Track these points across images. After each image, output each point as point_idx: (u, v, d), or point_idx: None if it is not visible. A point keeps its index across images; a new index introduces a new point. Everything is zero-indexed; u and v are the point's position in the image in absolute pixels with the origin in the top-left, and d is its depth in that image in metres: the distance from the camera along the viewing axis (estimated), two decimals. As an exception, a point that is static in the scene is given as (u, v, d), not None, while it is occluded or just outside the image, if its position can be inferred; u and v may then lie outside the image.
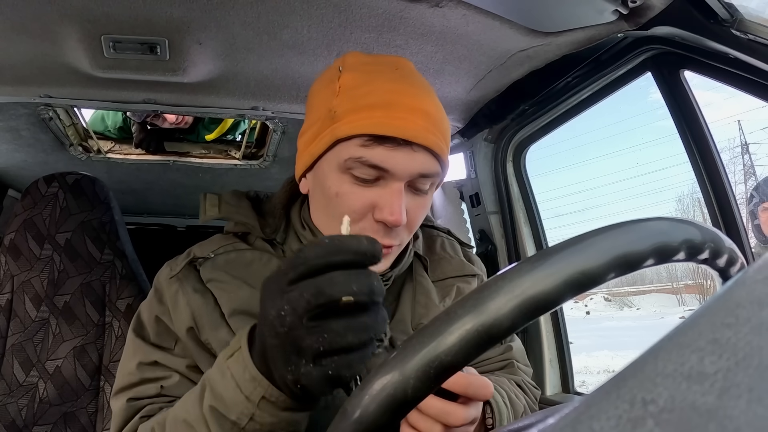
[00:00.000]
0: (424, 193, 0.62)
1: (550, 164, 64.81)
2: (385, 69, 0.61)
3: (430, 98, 0.60)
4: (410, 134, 0.56)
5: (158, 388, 0.63)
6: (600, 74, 1.10)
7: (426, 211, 0.64)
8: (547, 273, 0.28)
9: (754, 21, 0.76)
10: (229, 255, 0.66)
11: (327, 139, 0.59)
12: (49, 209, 1.23)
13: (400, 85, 0.59)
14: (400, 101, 0.57)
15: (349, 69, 0.61)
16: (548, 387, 1.40)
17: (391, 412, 0.29)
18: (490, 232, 1.51)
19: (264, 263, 0.66)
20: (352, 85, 0.59)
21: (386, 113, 0.56)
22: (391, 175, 0.58)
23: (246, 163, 1.79)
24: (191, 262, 0.66)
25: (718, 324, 0.16)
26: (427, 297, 0.71)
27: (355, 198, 0.59)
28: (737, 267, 0.35)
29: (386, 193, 0.58)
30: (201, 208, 0.68)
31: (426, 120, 0.58)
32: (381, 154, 0.56)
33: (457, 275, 0.76)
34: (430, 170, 0.59)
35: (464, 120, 1.42)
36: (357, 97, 0.58)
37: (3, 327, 1.17)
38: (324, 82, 0.63)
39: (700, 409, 0.14)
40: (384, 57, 0.64)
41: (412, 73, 0.62)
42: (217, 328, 0.61)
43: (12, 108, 1.27)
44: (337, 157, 0.58)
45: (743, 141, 17.69)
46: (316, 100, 0.63)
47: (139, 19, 0.91)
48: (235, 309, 0.61)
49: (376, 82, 0.58)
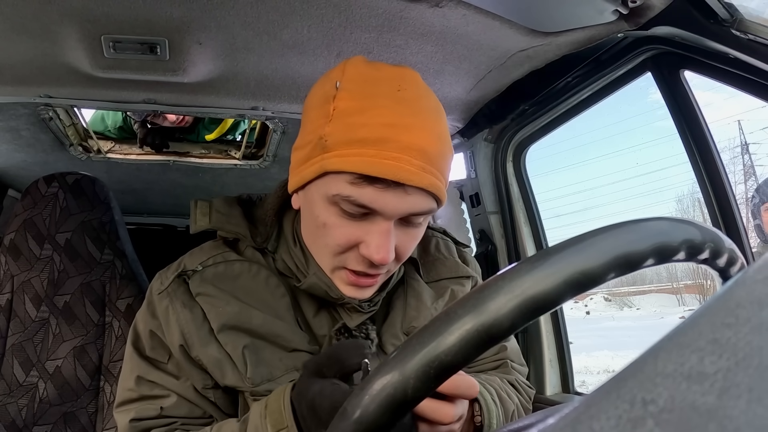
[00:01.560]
0: (417, 226, 0.60)
1: (550, 164, 64.82)
2: (385, 89, 0.55)
3: (431, 128, 0.56)
4: (403, 176, 0.53)
5: (158, 409, 0.63)
6: (600, 74, 1.10)
7: (418, 240, 0.62)
8: (547, 273, 0.28)
9: (754, 21, 0.76)
10: (218, 267, 0.66)
11: (316, 167, 0.56)
12: (49, 209, 1.23)
13: (398, 114, 0.54)
14: (396, 138, 0.53)
15: (347, 85, 0.56)
16: (548, 387, 1.40)
17: (391, 412, 0.29)
18: (490, 232, 1.51)
19: (253, 275, 0.65)
20: (347, 110, 0.54)
21: (379, 151, 0.52)
22: (380, 214, 0.55)
23: (246, 163, 1.79)
24: (180, 275, 0.65)
25: (718, 324, 0.16)
26: (419, 300, 0.70)
27: (341, 232, 0.57)
28: (737, 267, 0.35)
29: (374, 231, 0.56)
30: (191, 218, 0.67)
31: (422, 158, 0.54)
32: (370, 195, 0.54)
33: (451, 276, 0.75)
34: (422, 209, 0.57)
35: (464, 120, 1.42)
36: (350, 127, 0.54)
37: (3, 327, 1.17)
38: (320, 96, 0.59)
39: (700, 409, 0.14)
40: (388, 70, 0.58)
41: (416, 95, 0.57)
42: (206, 344, 0.61)
43: (12, 108, 1.27)
44: (325, 187, 0.56)
45: (743, 141, 17.69)
46: (311, 117, 0.59)
47: (139, 19, 0.91)
48: (223, 324, 0.61)
49: (373, 109, 0.54)
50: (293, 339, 0.62)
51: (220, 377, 0.61)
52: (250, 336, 0.61)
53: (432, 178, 0.55)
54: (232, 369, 0.61)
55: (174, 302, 0.63)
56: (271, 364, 0.61)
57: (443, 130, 0.58)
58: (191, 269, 0.65)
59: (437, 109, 0.59)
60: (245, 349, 0.60)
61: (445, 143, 0.58)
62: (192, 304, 0.63)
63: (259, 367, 0.60)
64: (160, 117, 1.65)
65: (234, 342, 0.61)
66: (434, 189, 0.56)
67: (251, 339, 0.61)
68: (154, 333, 0.65)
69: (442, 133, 0.58)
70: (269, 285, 0.65)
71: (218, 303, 0.62)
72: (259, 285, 0.65)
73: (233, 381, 0.61)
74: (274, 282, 0.65)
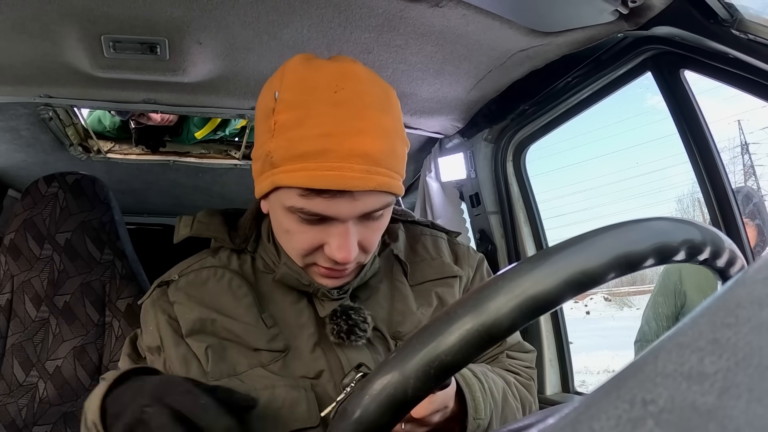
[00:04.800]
0: (377, 219, 0.61)
1: (550, 164, 64.81)
2: (322, 94, 0.55)
3: (372, 128, 0.55)
4: (347, 184, 0.54)
5: None
6: (600, 74, 1.10)
7: (382, 231, 0.64)
8: (547, 273, 0.28)
9: (754, 21, 0.76)
10: (189, 276, 0.69)
11: (268, 182, 0.58)
12: (49, 209, 1.23)
13: (336, 121, 0.54)
14: (335, 147, 0.53)
15: (284, 95, 0.56)
16: (548, 387, 1.40)
17: (391, 412, 0.29)
18: (490, 232, 1.51)
19: (218, 279, 0.68)
20: (286, 124, 0.55)
21: (320, 164, 0.53)
22: (335, 218, 0.57)
23: (246, 163, 1.79)
24: (160, 284, 0.70)
25: (718, 324, 0.16)
26: (404, 303, 0.70)
27: (303, 238, 0.60)
28: (737, 267, 0.35)
29: (334, 233, 0.58)
30: (175, 230, 0.72)
31: (365, 162, 0.54)
32: (321, 204, 0.56)
33: (435, 278, 0.74)
34: (375, 207, 0.58)
35: (464, 120, 1.42)
36: (291, 142, 0.55)
37: (3, 327, 1.17)
38: (263, 109, 0.59)
39: (700, 409, 0.14)
40: (326, 69, 0.58)
41: (354, 93, 0.56)
42: (177, 345, 0.65)
43: (12, 108, 1.27)
44: (281, 199, 0.58)
45: (743, 141, 17.68)
46: (258, 130, 0.61)
47: (139, 19, 0.91)
48: (190, 329, 0.65)
49: (311, 119, 0.54)
50: (252, 338, 0.64)
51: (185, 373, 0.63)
52: (215, 337, 0.64)
53: (379, 177, 0.56)
54: (197, 366, 0.63)
55: (156, 309, 0.68)
56: (236, 361, 0.63)
57: (389, 122, 0.58)
58: (170, 279, 0.70)
59: (382, 99, 0.58)
60: (209, 348, 0.63)
61: (392, 136, 0.58)
62: (170, 310, 0.67)
63: (221, 364, 0.63)
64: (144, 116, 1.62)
65: (198, 344, 0.64)
66: (384, 187, 0.56)
67: (217, 340, 0.64)
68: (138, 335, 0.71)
69: (388, 125, 0.57)
70: (232, 287, 0.68)
71: (185, 310, 0.66)
72: (223, 288, 0.68)
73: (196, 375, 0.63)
74: (237, 283, 0.68)
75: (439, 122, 1.43)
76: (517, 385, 0.72)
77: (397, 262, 0.73)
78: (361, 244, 0.61)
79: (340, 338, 0.63)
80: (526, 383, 0.75)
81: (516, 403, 0.69)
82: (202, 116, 1.56)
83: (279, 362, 0.64)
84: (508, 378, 0.72)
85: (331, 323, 0.64)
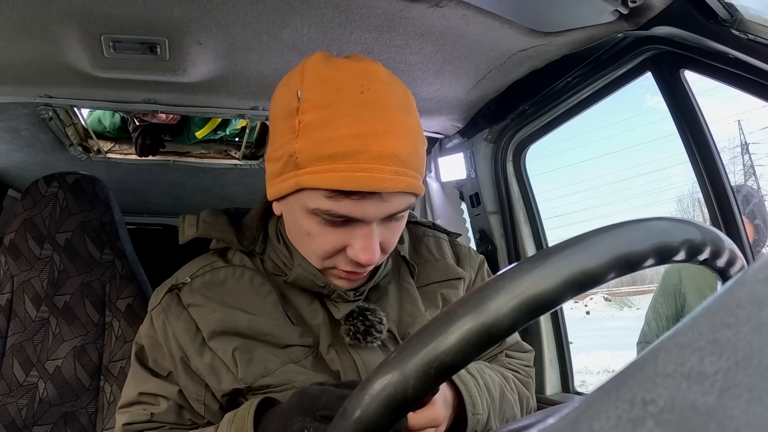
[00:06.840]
0: (398, 219, 0.61)
1: (550, 164, 64.81)
2: (348, 93, 0.54)
3: (399, 129, 0.55)
4: (378, 185, 0.53)
5: (149, 414, 0.65)
6: (600, 74, 1.10)
7: (401, 231, 0.63)
8: (547, 273, 0.28)
9: (754, 21, 0.76)
10: (204, 276, 0.67)
11: (291, 183, 0.56)
12: (49, 209, 1.23)
13: (365, 121, 0.53)
14: (365, 148, 0.53)
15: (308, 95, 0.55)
16: (548, 387, 1.40)
17: (391, 412, 0.29)
18: (490, 232, 1.51)
19: (237, 278, 0.67)
20: (312, 124, 0.54)
21: (350, 165, 0.52)
22: (361, 220, 0.56)
23: (246, 163, 1.79)
24: (171, 289, 0.68)
25: (718, 324, 0.16)
26: (413, 305, 0.70)
27: (326, 240, 0.58)
28: (737, 267, 0.35)
29: (358, 235, 0.57)
30: (180, 231, 0.69)
31: (395, 163, 0.54)
32: (348, 206, 0.55)
33: (440, 280, 0.74)
34: (401, 208, 0.58)
35: (464, 120, 1.42)
36: (318, 143, 0.53)
37: (3, 327, 1.17)
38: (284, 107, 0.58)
39: (700, 409, 0.14)
40: (349, 68, 0.57)
41: (380, 93, 0.55)
42: (201, 353, 0.63)
43: (12, 108, 1.27)
44: (303, 201, 0.57)
45: (743, 141, 17.67)
46: (278, 129, 0.59)
47: (139, 19, 0.91)
48: (212, 331, 0.63)
49: (339, 119, 0.53)
50: (283, 335, 0.63)
51: (216, 384, 0.62)
52: (241, 338, 0.63)
53: (407, 179, 0.55)
54: (226, 372, 0.62)
55: (168, 316, 0.65)
56: (266, 360, 0.62)
57: (412, 123, 0.58)
58: (181, 282, 0.67)
59: (403, 100, 0.58)
60: (235, 351, 0.62)
61: (415, 137, 0.58)
62: (185, 316, 0.65)
63: (251, 366, 0.61)
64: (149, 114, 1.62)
65: (224, 346, 0.62)
66: (411, 188, 0.56)
67: (242, 341, 0.62)
68: (153, 348, 0.67)
69: (412, 126, 0.57)
70: (254, 285, 0.66)
71: (205, 311, 0.64)
72: (244, 287, 0.66)
73: (229, 384, 0.62)
74: (260, 281, 0.67)
75: (439, 122, 1.43)
76: (515, 382, 0.73)
77: (404, 264, 0.73)
78: (382, 245, 0.60)
79: (356, 339, 0.63)
80: (524, 380, 0.75)
81: (513, 398, 0.69)
82: (203, 116, 1.56)
83: (310, 358, 0.63)
84: (506, 374, 0.72)
85: (347, 324, 0.64)
